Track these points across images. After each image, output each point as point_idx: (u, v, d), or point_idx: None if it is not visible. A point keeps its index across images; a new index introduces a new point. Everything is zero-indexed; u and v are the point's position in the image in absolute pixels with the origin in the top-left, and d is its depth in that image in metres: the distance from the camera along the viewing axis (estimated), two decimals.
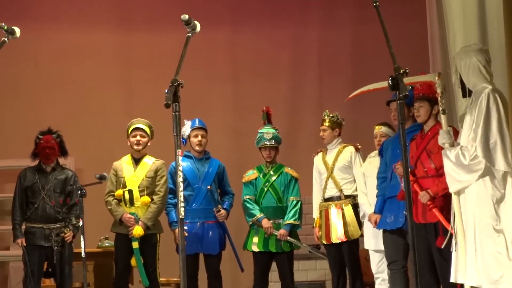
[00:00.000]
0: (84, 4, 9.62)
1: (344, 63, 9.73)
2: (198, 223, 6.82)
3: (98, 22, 9.64)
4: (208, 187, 6.86)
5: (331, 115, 7.02)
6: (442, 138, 5.26)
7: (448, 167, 5.14)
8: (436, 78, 5.38)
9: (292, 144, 9.02)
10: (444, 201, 5.43)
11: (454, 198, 5.18)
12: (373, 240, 6.71)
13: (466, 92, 5.21)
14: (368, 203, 6.59)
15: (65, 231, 6.63)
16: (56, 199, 6.70)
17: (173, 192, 6.81)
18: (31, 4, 9.50)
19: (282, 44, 9.85)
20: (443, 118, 5.29)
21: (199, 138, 6.92)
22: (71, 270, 6.68)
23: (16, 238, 6.65)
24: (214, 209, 6.85)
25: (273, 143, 6.98)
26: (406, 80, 5.33)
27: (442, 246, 5.30)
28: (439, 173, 5.48)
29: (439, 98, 5.33)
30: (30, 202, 6.70)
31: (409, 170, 5.59)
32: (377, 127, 6.82)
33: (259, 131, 7.06)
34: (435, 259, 5.52)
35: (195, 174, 6.89)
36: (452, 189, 5.16)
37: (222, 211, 6.88)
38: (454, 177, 5.11)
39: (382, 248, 6.37)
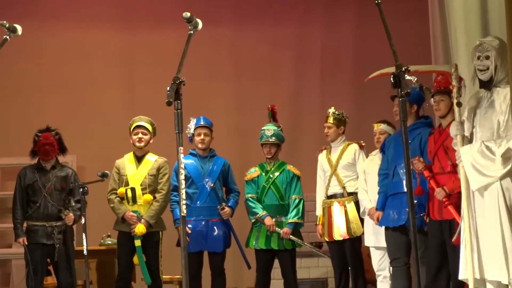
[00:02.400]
0: (87, 3, 9.64)
1: (346, 62, 9.75)
2: (203, 221, 6.81)
3: (100, 20, 9.66)
4: (211, 185, 6.85)
5: (336, 113, 7.01)
6: (456, 130, 5.11)
7: (471, 164, 4.96)
8: (453, 69, 5.24)
9: (294, 142, 9.03)
10: (459, 199, 5.31)
11: (464, 194, 5.06)
12: (373, 237, 6.72)
13: (492, 84, 5.08)
14: (368, 199, 6.60)
15: (65, 213, 6.62)
16: (57, 196, 6.70)
17: (177, 189, 6.81)
18: (34, 2, 9.52)
19: (284, 43, 9.87)
20: (456, 111, 5.18)
21: (202, 136, 6.91)
22: (74, 267, 6.68)
23: (18, 237, 6.65)
24: (218, 207, 6.85)
25: (273, 140, 6.98)
26: (422, 68, 5.29)
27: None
28: (456, 169, 5.34)
29: (454, 90, 5.21)
30: (31, 200, 6.70)
31: (427, 165, 5.58)
32: (376, 124, 6.83)
33: (262, 128, 7.07)
34: (449, 256, 5.46)
35: (199, 172, 6.89)
36: (476, 186, 4.96)
37: (227, 208, 6.86)
38: (478, 174, 4.93)
39: (383, 245, 6.38)
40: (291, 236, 6.80)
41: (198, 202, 6.83)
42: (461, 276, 5.13)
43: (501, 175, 4.89)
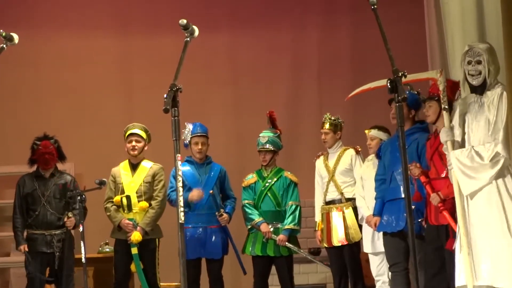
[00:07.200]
0: (84, 10, 9.62)
1: (343, 66, 9.73)
2: (201, 227, 6.80)
3: (97, 28, 9.65)
4: (210, 191, 6.84)
5: (332, 118, 7.01)
6: (445, 136, 5.17)
7: (460, 169, 5.04)
8: (438, 75, 5.32)
9: (292, 147, 9.01)
10: (454, 204, 5.36)
11: (458, 200, 5.11)
12: (371, 243, 6.71)
13: (485, 88, 5.13)
14: (366, 206, 6.59)
15: (68, 215, 6.60)
16: (56, 204, 6.69)
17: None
18: (31, 10, 9.51)
19: (281, 48, 9.86)
20: (445, 116, 5.23)
21: (199, 146, 6.90)
22: (73, 275, 6.66)
23: (19, 244, 6.64)
24: (217, 213, 6.83)
25: (267, 147, 6.97)
26: (409, 77, 5.33)
27: (453, 248, 5.26)
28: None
29: (441, 95, 5.27)
30: (30, 209, 6.69)
31: (424, 171, 5.58)
32: (367, 130, 6.83)
33: (259, 135, 7.07)
34: (447, 261, 5.46)
35: (197, 179, 6.89)
36: (467, 191, 5.04)
37: (225, 215, 6.85)
38: (468, 178, 5.00)
39: (380, 250, 6.37)
40: (287, 243, 6.79)
41: (196, 209, 6.82)
42: (457, 283, 5.12)
43: (490, 178, 4.94)
